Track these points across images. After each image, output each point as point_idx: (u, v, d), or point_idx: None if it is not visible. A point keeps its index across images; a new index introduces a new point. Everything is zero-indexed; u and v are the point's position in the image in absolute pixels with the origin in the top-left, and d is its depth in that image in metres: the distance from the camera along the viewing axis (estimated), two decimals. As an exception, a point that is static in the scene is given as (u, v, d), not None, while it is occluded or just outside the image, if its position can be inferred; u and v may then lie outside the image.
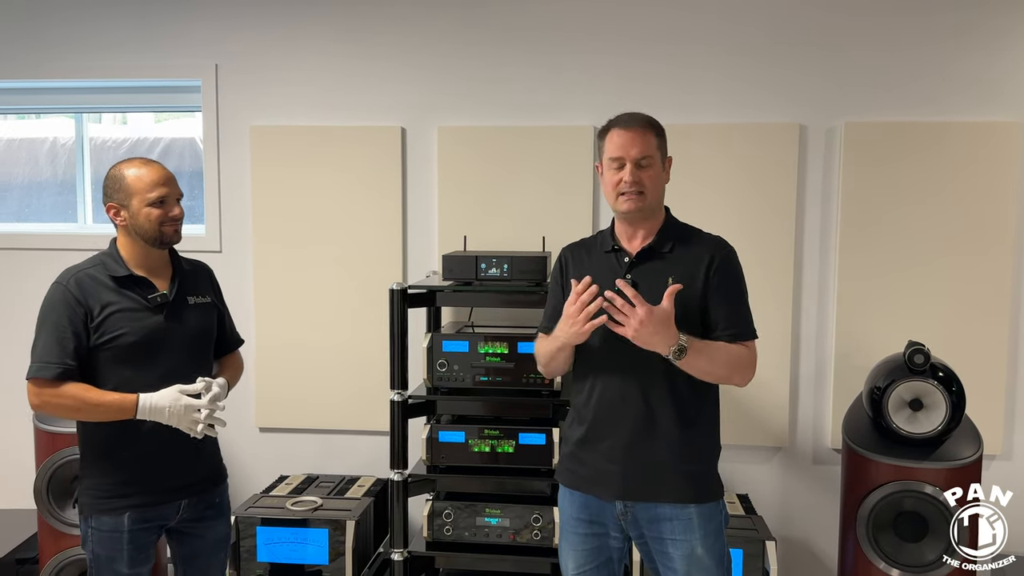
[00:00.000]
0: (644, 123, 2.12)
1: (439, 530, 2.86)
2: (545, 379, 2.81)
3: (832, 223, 3.23)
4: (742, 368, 2.09)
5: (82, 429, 2.22)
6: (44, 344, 2.12)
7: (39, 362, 2.11)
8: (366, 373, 3.40)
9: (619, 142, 2.10)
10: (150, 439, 2.17)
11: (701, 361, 2.01)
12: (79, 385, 2.11)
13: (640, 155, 2.08)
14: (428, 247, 3.43)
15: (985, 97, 3.14)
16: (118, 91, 3.64)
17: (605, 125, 2.16)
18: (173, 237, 2.25)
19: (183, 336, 2.25)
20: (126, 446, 2.18)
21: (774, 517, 3.29)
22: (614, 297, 1.95)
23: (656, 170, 2.11)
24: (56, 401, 2.11)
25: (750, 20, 3.21)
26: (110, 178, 2.22)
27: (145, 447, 2.19)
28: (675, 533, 2.07)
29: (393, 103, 3.40)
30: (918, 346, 2.71)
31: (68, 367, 2.10)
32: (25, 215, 3.82)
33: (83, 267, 2.21)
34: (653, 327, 1.94)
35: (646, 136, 2.10)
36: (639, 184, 2.08)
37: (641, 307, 1.93)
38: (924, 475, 2.65)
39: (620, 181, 2.09)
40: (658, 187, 2.13)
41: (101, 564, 2.19)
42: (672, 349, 1.96)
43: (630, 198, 2.09)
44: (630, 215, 2.13)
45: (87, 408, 2.11)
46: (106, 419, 2.13)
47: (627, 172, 2.08)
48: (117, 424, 2.14)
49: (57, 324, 2.12)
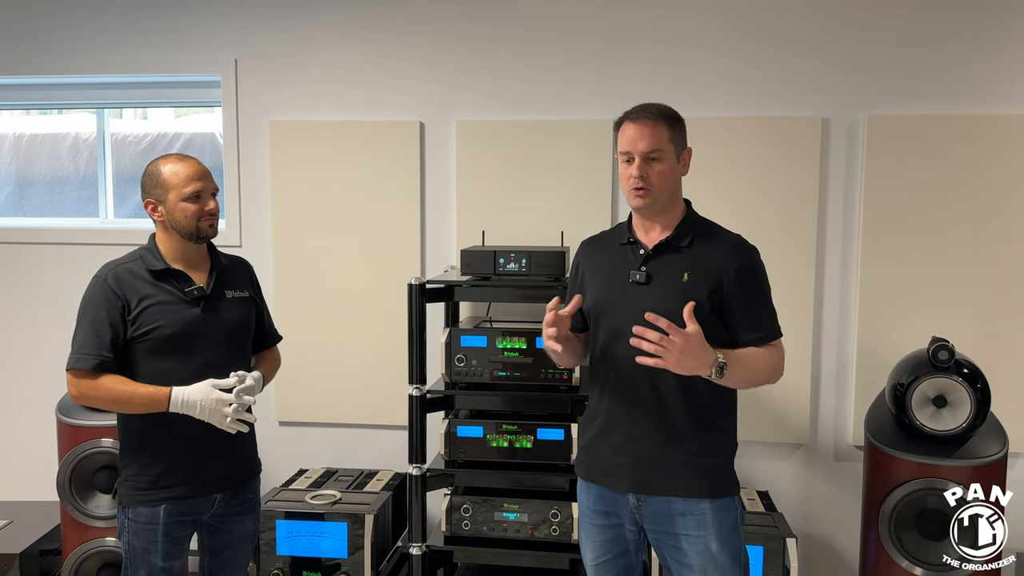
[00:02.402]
0: (655, 114, 2.06)
1: (457, 525, 2.86)
2: (564, 374, 2.80)
3: (854, 217, 3.19)
4: (775, 370, 2.07)
5: (122, 421, 2.26)
6: (83, 336, 2.17)
7: (77, 353, 2.16)
8: (385, 368, 3.40)
9: (628, 135, 2.06)
10: (188, 431, 2.20)
11: (741, 372, 1.98)
12: (115, 377, 2.15)
13: (648, 149, 2.03)
14: (446, 242, 3.42)
15: (1009, 91, 3.08)
16: (139, 86, 3.66)
17: (619, 118, 2.12)
18: (209, 231, 2.27)
19: (220, 329, 2.27)
20: (165, 438, 2.21)
21: (795, 514, 3.26)
22: (645, 331, 1.88)
23: (668, 163, 2.06)
24: (93, 393, 2.16)
25: (772, 14, 3.18)
26: (147, 174, 2.25)
27: (183, 439, 2.22)
28: (688, 528, 2.05)
29: (411, 98, 3.40)
30: (942, 342, 2.67)
31: (105, 359, 2.14)
32: (48, 210, 3.85)
33: (122, 261, 2.26)
34: (693, 352, 1.87)
35: (656, 128, 2.05)
36: (646, 179, 2.04)
37: (677, 336, 1.86)
38: (948, 473, 2.62)
39: (630, 176, 2.06)
40: (670, 181, 2.07)
41: (136, 555, 2.22)
42: (713, 368, 1.92)
43: (638, 194, 2.05)
44: (640, 210, 2.10)
45: (122, 400, 2.15)
46: (141, 411, 2.16)
47: (634, 167, 2.04)
48: (155, 417, 2.17)
49: (95, 317, 2.17)
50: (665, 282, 2.05)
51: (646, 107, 2.09)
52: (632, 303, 2.06)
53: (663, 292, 2.05)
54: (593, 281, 2.18)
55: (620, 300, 2.09)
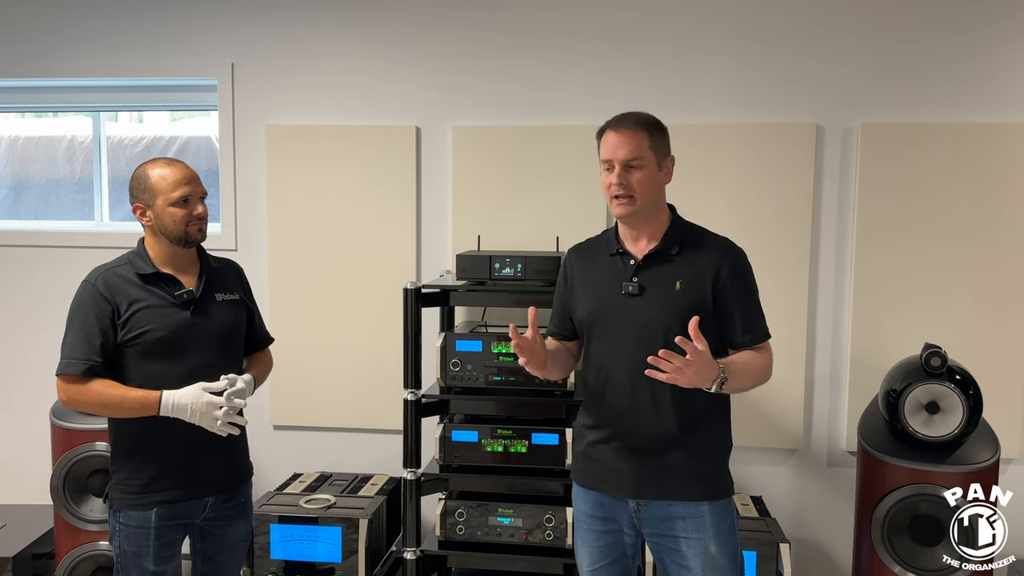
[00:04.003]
0: (635, 123, 2.06)
1: (451, 529, 2.87)
2: (558, 379, 2.80)
3: (848, 224, 3.21)
4: (767, 371, 2.09)
5: (113, 425, 2.25)
6: (72, 341, 2.16)
7: (67, 358, 2.14)
8: (380, 372, 3.40)
9: (608, 143, 2.06)
10: (180, 435, 2.19)
11: (741, 380, 2.00)
12: (105, 382, 2.14)
13: (628, 157, 2.03)
14: (442, 247, 3.43)
15: (1004, 98, 3.11)
16: (135, 90, 3.67)
17: (601, 127, 2.12)
18: (197, 236, 2.26)
19: (211, 332, 2.27)
20: (156, 442, 2.20)
21: (788, 519, 3.27)
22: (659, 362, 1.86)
23: (649, 171, 2.05)
24: (82, 398, 2.14)
25: (768, 20, 3.19)
26: (135, 178, 2.24)
27: (174, 443, 2.21)
28: (688, 531, 2.06)
29: (408, 103, 3.40)
30: (935, 348, 2.68)
31: (94, 363, 2.13)
32: (43, 213, 3.85)
33: (111, 266, 2.25)
34: (702, 368, 1.88)
35: (637, 136, 2.04)
36: (627, 187, 2.04)
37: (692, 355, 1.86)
38: (940, 479, 2.63)
39: (610, 184, 2.05)
40: (652, 188, 2.07)
41: (128, 560, 2.21)
42: (716, 381, 1.93)
43: (620, 202, 2.05)
44: (623, 219, 2.11)
45: (112, 404, 2.14)
46: (132, 415, 2.15)
47: (615, 175, 2.04)
48: (146, 420, 2.16)
49: (84, 321, 2.15)
50: (658, 292, 2.06)
51: (626, 116, 2.09)
52: (627, 315, 2.08)
53: (657, 303, 2.06)
54: (585, 292, 2.19)
55: (614, 312, 2.10)
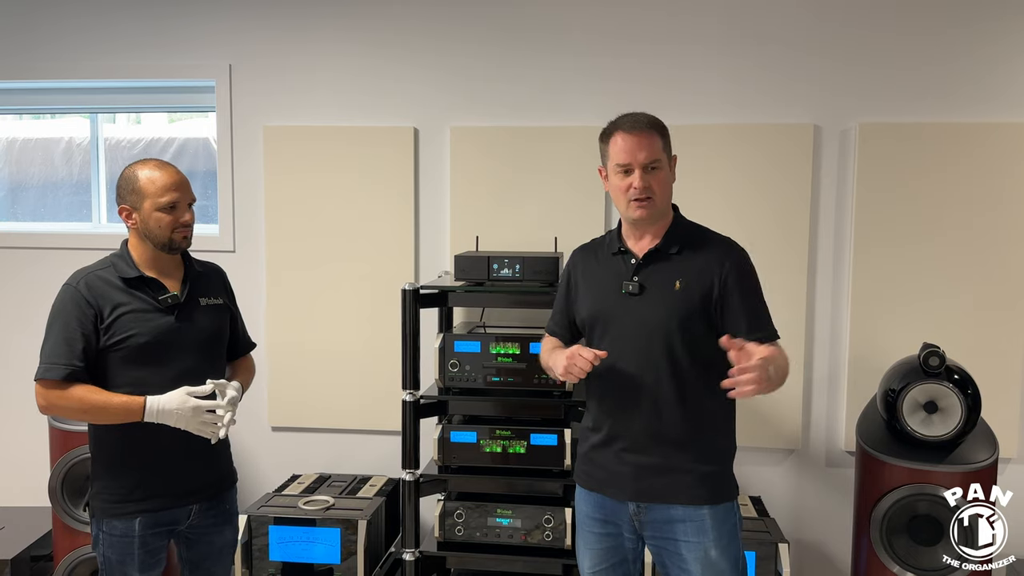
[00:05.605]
0: (649, 125, 2.06)
1: (450, 530, 2.86)
2: (557, 379, 2.81)
3: (846, 224, 3.21)
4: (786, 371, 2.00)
5: (93, 433, 2.21)
6: (52, 345, 2.11)
7: (46, 363, 2.09)
8: (378, 373, 3.40)
9: (625, 147, 2.04)
10: (162, 443, 2.15)
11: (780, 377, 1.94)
12: (86, 387, 2.09)
13: (649, 159, 2.04)
14: (440, 247, 3.43)
15: (1002, 98, 3.11)
16: (132, 91, 3.66)
17: (607, 128, 2.11)
18: (182, 244, 2.23)
19: (195, 337, 2.23)
20: (137, 450, 2.16)
21: (787, 519, 3.27)
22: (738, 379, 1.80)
23: (665, 172, 2.07)
24: (62, 403, 2.09)
25: (765, 20, 3.20)
26: (123, 178, 2.20)
27: (157, 451, 2.17)
28: (688, 535, 2.06)
29: (406, 103, 3.40)
30: (933, 348, 2.68)
31: (75, 368, 2.08)
32: (41, 214, 3.84)
33: (93, 268, 2.20)
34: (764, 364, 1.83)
35: (652, 138, 2.05)
36: (649, 190, 2.04)
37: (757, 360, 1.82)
38: (939, 478, 2.63)
39: (630, 187, 2.04)
40: (667, 189, 2.09)
41: (112, 568, 2.18)
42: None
43: (642, 205, 2.05)
44: (641, 221, 2.10)
45: (94, 410, 2.09)
46: (114, 421, 2.11)
47: (637, 178, 2.03)
48: (128, 427, 2.12)
49: (66, 325, 2.11)
50: (658, 291, 2.06)
51: (637, 117, 2.08)
52: (627, 314, 2.08)
53: (657, 302, 2.06)
54: (587, 292, 2.19)
55: (615, 312, 2.10)
